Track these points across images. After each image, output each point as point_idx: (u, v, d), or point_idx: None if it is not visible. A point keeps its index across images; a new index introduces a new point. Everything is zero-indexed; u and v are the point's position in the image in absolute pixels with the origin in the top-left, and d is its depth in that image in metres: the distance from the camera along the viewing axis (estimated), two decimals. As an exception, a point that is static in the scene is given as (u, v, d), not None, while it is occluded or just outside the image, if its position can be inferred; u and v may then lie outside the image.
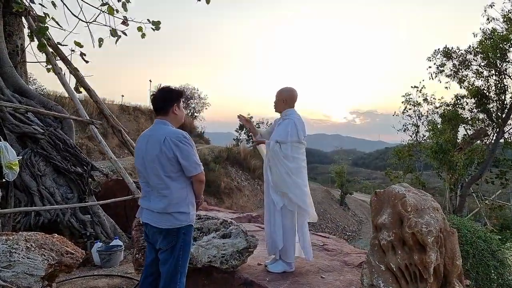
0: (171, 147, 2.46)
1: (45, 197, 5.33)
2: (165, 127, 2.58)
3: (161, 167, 2.47)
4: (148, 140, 2.55)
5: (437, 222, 2.43)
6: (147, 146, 2.54)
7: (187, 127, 34.95)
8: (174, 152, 2.46)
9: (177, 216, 2.53)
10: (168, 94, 2.66)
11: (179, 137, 2.50)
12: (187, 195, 2.60)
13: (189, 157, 2.51)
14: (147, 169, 2.53)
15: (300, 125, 3.58)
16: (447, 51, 13.60)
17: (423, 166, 15.85)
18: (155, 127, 2.63)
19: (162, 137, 2.48)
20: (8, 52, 5.48)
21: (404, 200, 2.50)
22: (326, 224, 30.47)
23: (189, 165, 2.50)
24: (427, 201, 2.54)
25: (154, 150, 2.48)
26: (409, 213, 2.45)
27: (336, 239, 5.29)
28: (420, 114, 14.77)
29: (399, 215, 2.51)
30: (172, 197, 2.50)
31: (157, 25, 5.84)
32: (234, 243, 3.33)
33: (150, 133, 2.60)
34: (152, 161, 2.48)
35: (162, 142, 2.46)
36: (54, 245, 3.28)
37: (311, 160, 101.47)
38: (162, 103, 2.63)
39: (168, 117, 2.64)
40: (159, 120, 2.64)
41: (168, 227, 2.52)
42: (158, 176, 2.49)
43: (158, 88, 2.73)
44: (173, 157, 2.46)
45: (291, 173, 3.48)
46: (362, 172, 63.87)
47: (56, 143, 5.47)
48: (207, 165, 27.48)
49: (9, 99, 5.14)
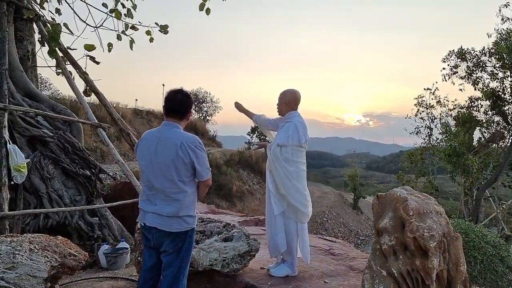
0: (188, 152, 2.45)
1: (54, 200, 5.41)
2: (178, 130, 2.55)
3: (176, 171, 2.45)
4: (159, 143, 2.51)
5: (440, 227, 2.35)
6: (157, 148, 2.50)
7: (199, 131, 35.21)
8: (190, 157, 2.45)
9: (186, 220, 2.54)
10: (188, 98, 2.65)
11: (195, 142, 2.51)
12: (195, 199, 2.62)
13: (204, 162, 2.53)
14: (156, 172, 2.50)
15: (302, 129, 3.54)
16: (462, 52, 13.32)
17: (437, 170, 15.53)
18: (165, 129, 2.56)
19: (178, 141, 2.45)
20: (19, 57, 5.61)
21: (405, 204, 2.43)
22: (339, 228, 30.13)
23: (202, 170, 2.52)
24: (429, 205, 2.46)
25: (169, 154, 2.44)
26: (411, 217, 2.38)
27: (343, 243, 5.21)
28: (433, 117, 14.49)
29: (400, 219, 2.44)
30: (184, 201, 2.50)
31: (165, 28, 5.89)
32: (235, 246, 3.30)
33: (160, 135, 2.55)
34: (166, 165, 2.45)
35: (178, 147, 2.44)
36: (57, 247, 3.31)
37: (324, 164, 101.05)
38: (182, 107, 2.60)
39: (182, 121, 2.63)
40: (169, 122, 2.59)
41: (178, 230, 2.52)
42: (171, 180, 2.46)
43: (174, 90, 2.63)
44: (189, 162, 2.46)
45: (291, 177, 3.44)
46: (376, 176, 63.03)
47: (65, 146, 5.55)
48: (219, 169, 27.61)
49: (19, 103, 5.25)
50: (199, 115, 36.78)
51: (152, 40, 6.05)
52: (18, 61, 5.47)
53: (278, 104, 3.69)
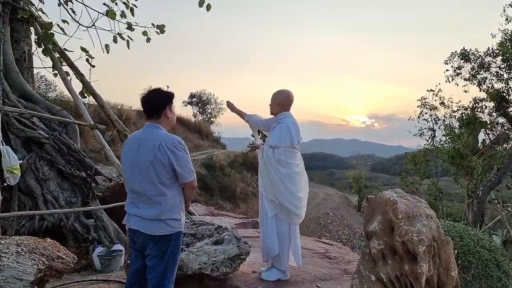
0: (166, 153, 2.40)
1: (49, 201, 5.38)
2: (158, 131, 2.51)
3: (155, 173, 2.41)
4: (140, 144, 2.48)
5: (429, 231, 2.27)
6: (138, 150, 2.47)
7: (203, 132, 35.24)
8: (169, 158, 2.40)
9: (170, 223, 2.48)
10: (161, 96, 2.59)
11: (175, 143, 2.45)
12: (179, 202, 2.56)
13: (185, 164, 2.46)
14: (137, 174, 2.46)
15: (294, 129, 3.48)
16: (465, 53, 13.16)
17: (441, 172, 15.34)
18: (147, 131, 2.54)
19: (156, 143, 2.41)
20: (15, 58, 5.60)
21: (395, 207, 2.36)
22: (343, 230, 29.92)
23: (184, 172, 2.46)
24: (420, 208, 2.39)
25: (147, 155, 2.41)
26: (400, 221, 2.31)
27: (340, 246, 5.13)
28: (437, 118, 14.31)
29: (390, 222, 2.37)
30: (166, 204, 2.45)
31: (162, 28, 5.86)
32: (225, 249, 3.24)
33: (142, 137, 2.52)
34: (145, 167, 2.41)
35: (157, 148, 2.39)
36: (45, 250, 3.27)
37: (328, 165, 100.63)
38: (155, 105, 2.55)
39: (160, 120, 2.57)
40: (151, 123, 2.56)
41: (160, 234, 2.46)
42: (151, 182, 2.42)
43: (147, 91, 2.65)
44: (168, 163, 2.40)
45: (283, 178, 3.38)
46: (381, 178, 62.60)
47: (61, 147, 5.53)
48: (222, 170, 27.56)
49: (15, 104, 5.24)
50: (203, 117, 36.81)
51: (149, 41, 6.02)
52: (14, 62, 5.46)
53: (270, 105, 3.63)
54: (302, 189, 3.50)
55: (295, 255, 3.49)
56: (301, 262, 3.53)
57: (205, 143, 33.62)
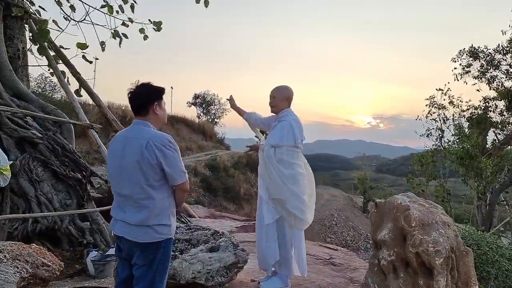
0: (154, 152, 2.18)
1: (43, 203, 5.19)
2: (146, 129, 2.30)
3: (142, 174, 2.20)
4: (126, 144, 2.27)
5: (447, 240, 2.02)
6: (124, 150, 2.26)
7: (207, 133, 35.09)
8: (157, 158, 2.18)
9: (157, 229, 2.26)
10: (148, 91, 2.38)
11: (164, 142, 2.23)
12: (169, 206, 2.33)
13: (175, 164, 2.24)
14: (123, 176, 2.26)
15: (297, 128, 3.25)
16: (474, 50, 12.83)
17: (448, 173, 14.99)
18: (134, 128, 2.34)
19: (144, 141, 2.20)
20: (9, 56, 5.42)
21: (407, 213, 2.11)
22: (348, 232, 29.58)
23: (174, 173, 2.24)
24: (435, 215, 2.14)
25: (134, 155, 2.20)
26: (413, 229, 2.06)
27: (345, 251, 4.87)
28: (445, 118, 13.97)
29: (401, 230, 2.13)
30: (153, 208, 2.23)
31: (159, 25, 5.66)
32: (221, 257, 3.01)
33: (128, 135, 2.32)
34: (131, 168, 2.21)
35: (144, 147, 2.19)
36: (30, 256, 3.07)
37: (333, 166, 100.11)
38: (141, 101, 2.35)
39: (148, 117, 2.36)
40: (138, 120, 2.36)
41: (148, 241, 2.24)
42: (138, 184, 2.21)
43: (136, 85, 2.43)
44: (156, 163, 2.19)
45: (286, 180, 3.14)
46: (387, 179, 62.03)
47: (55, 147, 5.34)
48: (226, 171, 27.38)
49: (7, 103, 5.06)
50: (207, 118, 36.68)
51: (146, 38, 5.83)
52: (7, 60, 5.28)
53: (274, 101, 3.38)
54: (306, 191, 3.25)
55: (299, 264, 3.24)
56: (306, 272, 3.28)
57: (209, 144, 33.48)
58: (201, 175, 25.86)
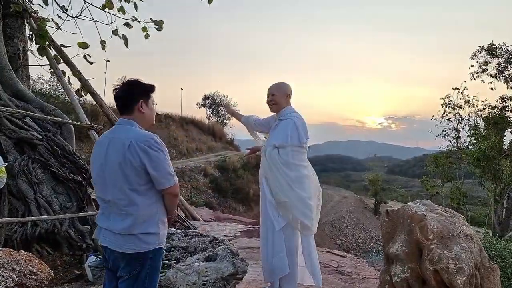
0: (137, 153, 1.97)
1: (42, 206, 5.05)
2: (131, 128, 2.09)
3: (125, 178, 1.99)
4: (109, 145, 2.07)
5: (470, 256, 1.76)
6: (107, 152, 2.06)
7: (217, 134, 35.03)
8: (141, 160, 1.97)
9: (144, 238, 2.04)
10: (133, 88, 2.17)
11: (148, 141, 2.01)
12: (157, 212, 2.11)
13: (161, 166, 2.02)
14: (106, 180, 2.06)
15: (302, 126, 3.00)
16: (492, 47, 12.35)
17: (465, 175, 14.50)
18: (117, 128, 2.14)
19: (126, 141, 2.00)
20: (9, 55, 5.31)
21: (424, 224, 1.85)
22: (359, 234, 29.15)
23: (160, 176, 2.02)
24: (456, 226, 1.87)
25: (116, 157, 2.00)
26: (431, 242, 1.81)
27: (355, 259, 4.60)
28: (461, 118, 13.50)
29: (417, 243, 1.87)
30: (138, 215, 2.01)
31: (160, 25, 5.50)
32: (218, 267, 2.79)
33: (112, 135, 2.12)
34: (113, 171, 2.01)
35: (126, 148, 1.98)
36: (17, 264, 2.90)
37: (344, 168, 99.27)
38: (126, 99, 2.15)
39: (134, 116, 2.15)
40: (123, 119, 2.16)
41: (133, 252, 2.03)
42: (121, 189, 2.00)
43: (123, 81, 2.23)
44: (140, 166, 1.98)
45: (292, 183, 2.90)
46: (399, 180, 61.13)
47: (54, 149, 5.19)
48: (235, 172, 27.23)
49: (6, 103, 4.93)
50: (216, 119, 36.63)
51: (147, 37, 5.66)
52: (7, 60, 5.16)
53: (274, 98, 3.14)
54: (313, 196, 3.00)
55: (313, 274, 2.96)
56: (321, 281, 3.00)
57: (218, 145, 33.39)
58: (210, 176, 25.78)
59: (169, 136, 29.40)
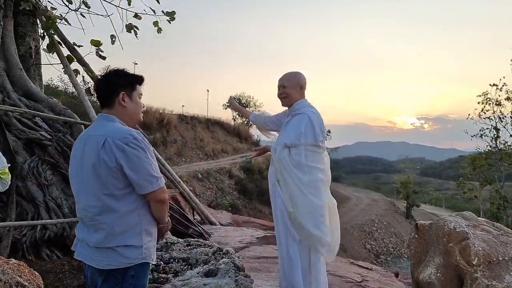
0: (113, 152, 1.66)
1: (52, 209, 4.92)
2: (109, 124, 1.79)
3: (99, 181, 1.69)
4: (86, 144, 1.79)
5: (531, 290, 1.31)
6: (83, 152, 1.77)
7: (242, 136, 34.88)
8: (117, 159, 1.66)
9: (122, 252, 1.73)
10: (115, 77, 1.88)
11: (126, 138, 1.70)
12: (140, 221, 1.78)
13: (140, 166, 1.69)
14: (81, 183, 1.78)
15: (317, 122, 2.61)
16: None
17: (505, 177, 13.44)
18: (95, 125, 1.86)
19: (101, 139, 1.70)
20: (21, 54, 5.23)
21: (465, 244, 1.41)
22: (389, 238, 28.07)
23: (140, 178, 1.70)
24: (509, 247, 1.42)
25: (90, 157, 1.71)
26: (476, 269, 1.36)
27: (382, 272, 4.11)
28: (502, 116, 12.49)
29: (456, 269, 1.43)
30: (114, 225, 1.71)
31: (172, 15, 5.25)
32: (218, 284, 2.43)
33: (90, 133, 1.83)
34: (87, 174, 1.72)
35: (100, 146, 1.68)
36: (4, 274, 2.66)
37: (374, 169, 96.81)
38: (104, 91, 1.87)
39: (114, 110, 1.85)
40: (102, 114, 1.87)
41: (110, 267, 1.73)
42: (95, 195, 1.71)
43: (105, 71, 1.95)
44: (115, 166, 1.67)
45: (305, 189, 2.50)
46: (432, 183, 58.75)
47: (64, 150, 5.05)
48: (261, 174, 26.91)
49: (16, 103, 4.83)
50: (242, 120, 36.49)
51: (160, 31, 5.43)
52: (18, 59, 5.07)
53: (285, 90, 2.76)
54: (325, 205, 2.59)
55: None
56: None
57: (244, 146, 33.22)
58: (235, 178, 25.60)
59: (195, 138, 29.55)
